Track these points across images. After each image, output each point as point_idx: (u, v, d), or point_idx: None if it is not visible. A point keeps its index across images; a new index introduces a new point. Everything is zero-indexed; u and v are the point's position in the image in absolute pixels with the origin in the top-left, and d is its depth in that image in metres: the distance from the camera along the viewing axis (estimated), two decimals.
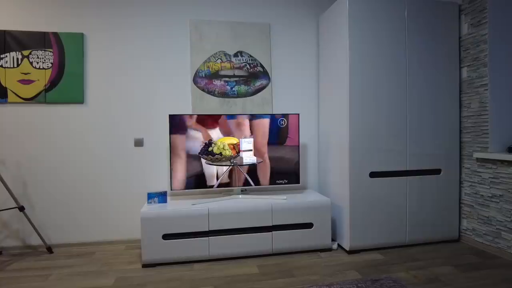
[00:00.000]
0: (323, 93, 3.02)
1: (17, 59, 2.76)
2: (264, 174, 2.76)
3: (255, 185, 2.73)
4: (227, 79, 3.01)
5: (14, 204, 2.72)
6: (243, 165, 2.71)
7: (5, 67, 2.74)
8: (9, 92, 2.74)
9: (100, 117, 2.85)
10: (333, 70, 2.79)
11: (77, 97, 2.83)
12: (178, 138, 2.63)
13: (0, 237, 2.71)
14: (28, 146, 2.75)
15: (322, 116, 3.05)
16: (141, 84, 2.90)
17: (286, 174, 2.79)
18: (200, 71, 2.97)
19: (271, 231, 2.51)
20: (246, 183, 2.72)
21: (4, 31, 2.73)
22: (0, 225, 2.71)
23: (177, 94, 2.94)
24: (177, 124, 2.63)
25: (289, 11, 3.12)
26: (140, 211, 2.36)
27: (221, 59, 3.01)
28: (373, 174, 2.59)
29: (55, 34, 2.80)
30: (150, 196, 2.55)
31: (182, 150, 2.64)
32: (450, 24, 2.73)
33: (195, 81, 2.97)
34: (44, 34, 2.79)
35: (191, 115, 2.66)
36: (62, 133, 2.80)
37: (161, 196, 2.56)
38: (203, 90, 2.98)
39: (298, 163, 2.80)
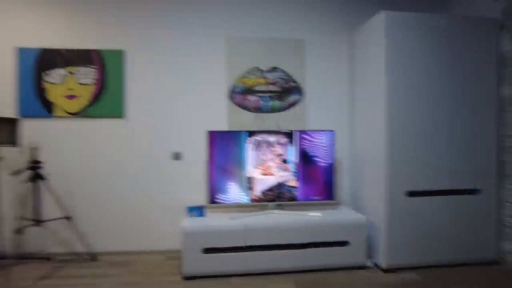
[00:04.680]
0: (358, 108, 3.03)
1: (63, 75, 2.90)
2: (299, 190, 2.80)
3: (290, 200, 2.78)
4: (261, 94, 3.07)
5: (61, 213, 2.87)
6: (277, 181, 2.76)
7: (52, 83, 2.89)
8: (55, 107, 2.90)
9: (139, 131, 2.97)
10: (369, 85, 2.80)
11: (118, 112, 2.96)
12: (215, 153, 2.71)
13: (49, 244, 2.88)
14: (72, 158, 2.90)
15: (356, 132, 3.06)
16: (178, 99, 3.00)
17: (321, 190, 2.82)
18: (235, 87, 3.04)
19: (306, 248, 2.56)
20: (281, 198, 2.78)
21: (52, 49, 2.88)
22: (49, 233, 2.88)
23: (213, 109, 3.02)
24: (214, 139, 2.71)
25: (324, 26, 3.14)
26: (181, 225, 2.45)
27: (255, 75, 3.06)
28: (410, 192, 2.58)
29: (98, 52, 2.93)
30: (190, 210, 2.64)
31: (219, 165, 2.72)
32: (490, 40, 2.68)
33: (230, 97, 3.04)
34: (88, 52, 2.92)
35: (227, 131, 2.73)
36: (104, 146, 2.94)
37: (200, 210, 2.65)
38: (238, 105, 3.04)
39: (332, 179, 2.82)
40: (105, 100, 2.94)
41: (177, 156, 2.98)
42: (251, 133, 2.75)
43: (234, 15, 3.05)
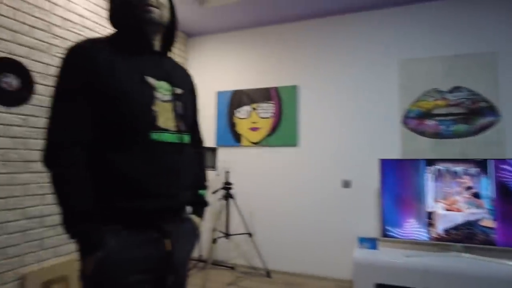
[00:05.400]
0: None
1: (248, 111, 3.43)
2: (498, 232, 2.30)
3: (483, 243, 2.31)
4: (440, 118, 2.75)
5: (244, 229, 3.31)
6: (467, 219, 2.36)
7: (240, 118, 3.46)
8: (242, 137, 3.43)
9: (310, 158, 3.15)
10: None
11: (292, 141, 3.23)
12: (388, 183, 2.57)
13: (234, 255, 3.35)
14: (254, 181, 3.34)
15: None
16: (348, 126, 3.04)
17: None
18: (409, 111, 2.85)
19: None
20: (472, 240, 2.35)
21: (241, 90, 3.47)
22: (234, 246, 3.36)
23: (384, 135, 2.91)
24: (387, 168, 2.58)
25: None
26: (353, 255, 2.41)
27: (433, 96, 2.79)
28: None
29: (275, 89, 3.33)
30: (361, 241, 2.57)
31: (392, 196, 2.56)
32: None
33: (404, 122, 2.86)
34: (267, 90, 3.37)
35: (402, 160, 2.56)
36: (280, 172, 3.25)
37: (373, 242, 2.54)
38: (413, 131, 2.82)
39: None
40: (281, 130, 3.29)
41: (346, 184, 2.98)
42: (431, 162, 2.48)
43: (408, 36, 2.91)
